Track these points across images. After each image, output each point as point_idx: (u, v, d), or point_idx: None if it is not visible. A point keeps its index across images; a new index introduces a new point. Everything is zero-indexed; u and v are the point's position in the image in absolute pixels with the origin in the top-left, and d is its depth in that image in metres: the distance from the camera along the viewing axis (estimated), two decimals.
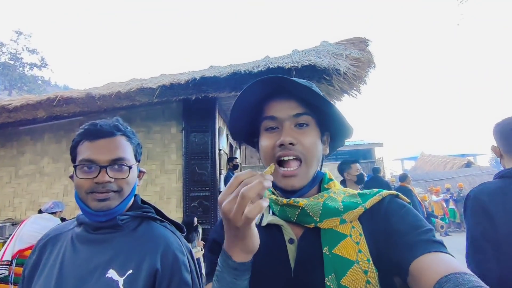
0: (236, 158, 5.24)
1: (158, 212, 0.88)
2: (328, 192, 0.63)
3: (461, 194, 9.49)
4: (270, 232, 0.61)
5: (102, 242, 0.75)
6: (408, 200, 0.62)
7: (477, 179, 10.77)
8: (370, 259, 0.53)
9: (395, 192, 0.62)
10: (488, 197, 1.20)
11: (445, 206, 9.36)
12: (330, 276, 0.52)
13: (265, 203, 0.45)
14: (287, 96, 0.61)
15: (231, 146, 5.89)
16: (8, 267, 2.09)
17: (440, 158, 16.40)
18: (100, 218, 0.75)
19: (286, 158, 0.59)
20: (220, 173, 4.37)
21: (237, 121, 0.67)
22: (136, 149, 0.84)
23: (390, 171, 18.51)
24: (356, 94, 3.88)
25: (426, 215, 5.77)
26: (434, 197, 9.34)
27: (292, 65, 3.52)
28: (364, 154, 12.94)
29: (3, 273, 2.06)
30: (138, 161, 0.84)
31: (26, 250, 2.16)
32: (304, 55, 3.85)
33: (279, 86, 0.60)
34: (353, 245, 0.55)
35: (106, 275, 0.69)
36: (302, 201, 0.60)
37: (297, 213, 0.60)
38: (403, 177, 5.18)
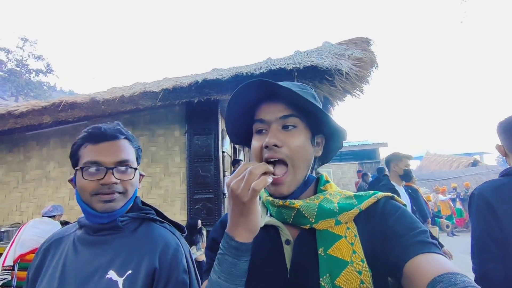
0: (241, 160, 5.25)
1: (159, 213, 0.89)
2: (324, 194, 0.64)
3: (468, 193, 9.36)
4: (267, 233, 0.62)
5: (102, 244, 0.76)
6: (404, 202, 0.62)
7: (484, 178, 10.62)
8: (365, 260, 0.54)
9: (390, 194, 0.62)
10: (493, 195, 1.19)
11: (452, 205, 9.23)
12: (325, 277, 0.53)
13: (269, 179, 0.50)
14: (276, 99, 0.62)
15: (234, 148, 5.90)
16: (10, 272, 2.11)
17: (445, 157, 16.22)
18: (103, 219, 0.76)
19: (272, 160, 0.60)
20: (223, 175, 4.38)
21: (233, 125, 0.69)
22: (137, 152, 0.86)
23: None
24: (359, 95, 3.86)
25: (431, 215, 5.71)
26: (441, 197, 9.22)
27: (294, 66, 3.53)
28: (368, 154, 12.85)
29: (6, 278, 2.09)
30: (138, 164, 0.86)
31: (28, 254, 2.19)
32: (306, 56, 3.85)
33: (269, 90, 0.61)
34: (347, 246, 0.55)
35: (106, 276, 0.70)
36: (297, 203, 0.60)
37: (293, 214, 0.61)
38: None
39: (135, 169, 0.81)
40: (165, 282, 0.73)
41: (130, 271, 0.72)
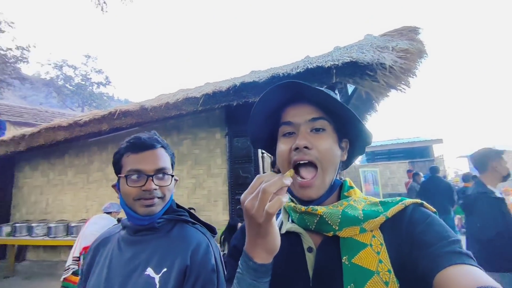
0: None
1: (191, 215, 0.95)
2: (348, 200, 0.62)
3: None
4: (289, 240, 0.61)
5: (141, 243, 0.84)
6: (434, 209, 0.57)
7: None
8: (391, 270, 0.51)
9: (419, 201, 0.58)
10: None
11: None
12: (349, 287, 0.51)
13: (285, 198, 0.46)
14: (303, 101, 0.61)
15: None
16: (77, 262, 2.41)
17: None
18: (144, 222, 0.83)
19: (302, 162, 0.58)
20: None
21: (256, 128, 0.69)
22: (172, 159, 0.92)
23: (454, 169, 16.59)
24: (404, 89, 3.58)
25: None
26: None
27: (332, 63, 3.40)
28: (420, 152, 11.81)
29: (74, 268, 2.39)
30: (172, 170, 0.92)
31: (89, 247, 2.47)
32: (346, 51, 3.69)
33: (296, 93, 0.60)
34: (373, 255, 0.53)
35: (145, 273, 0.77)
36: (320, 209, 0.59)
37: (315, 221, 0.59)
38: (467, 177, 4.60)
39: (172, 175, 0.88)
40: (194, 279, 0.78)
41: (165, 269, 0.78)
